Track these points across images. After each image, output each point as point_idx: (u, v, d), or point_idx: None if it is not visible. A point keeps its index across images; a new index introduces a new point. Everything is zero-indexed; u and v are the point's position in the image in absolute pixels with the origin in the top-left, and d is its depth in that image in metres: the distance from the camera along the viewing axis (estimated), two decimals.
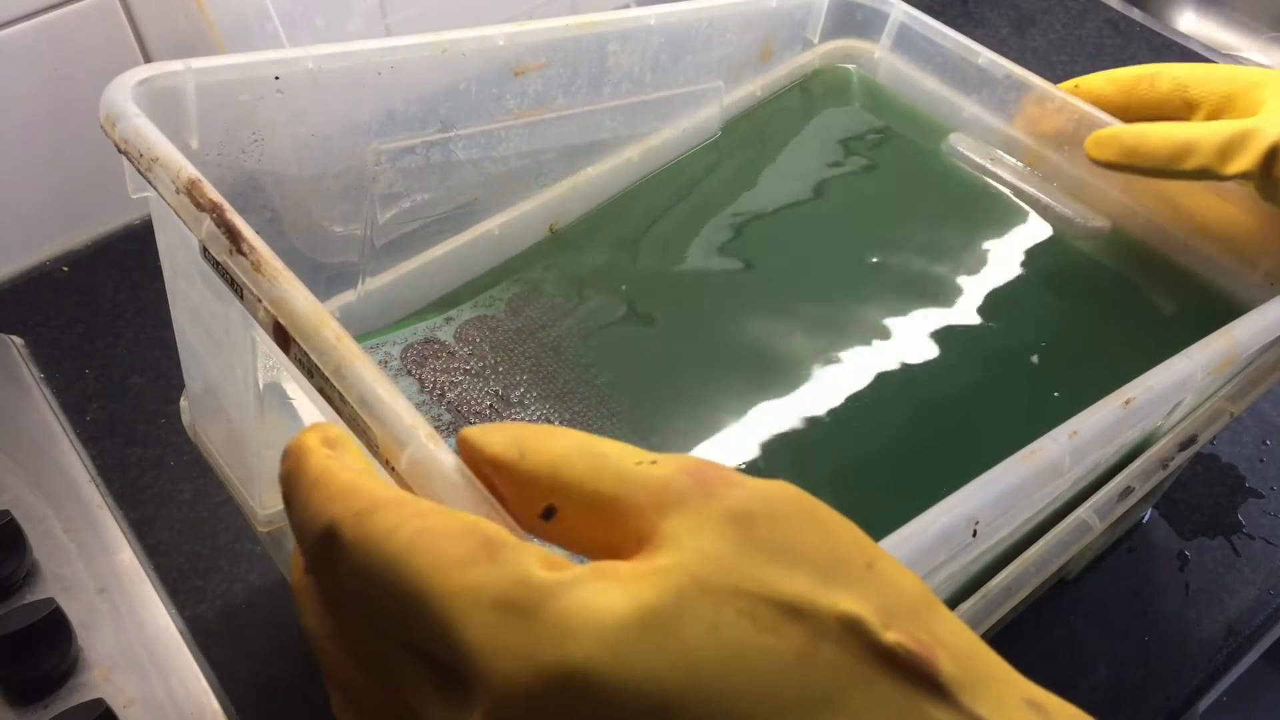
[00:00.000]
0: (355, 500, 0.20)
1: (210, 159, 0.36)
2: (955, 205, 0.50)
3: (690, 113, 0.52)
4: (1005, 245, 0.48)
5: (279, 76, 0.36)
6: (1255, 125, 0.39)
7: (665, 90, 0.49)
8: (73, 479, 0.51)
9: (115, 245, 0.64)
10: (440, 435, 0.23)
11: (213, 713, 0.43)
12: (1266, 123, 0.39)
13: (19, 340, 0.59)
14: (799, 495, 0.20)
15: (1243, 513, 0.56)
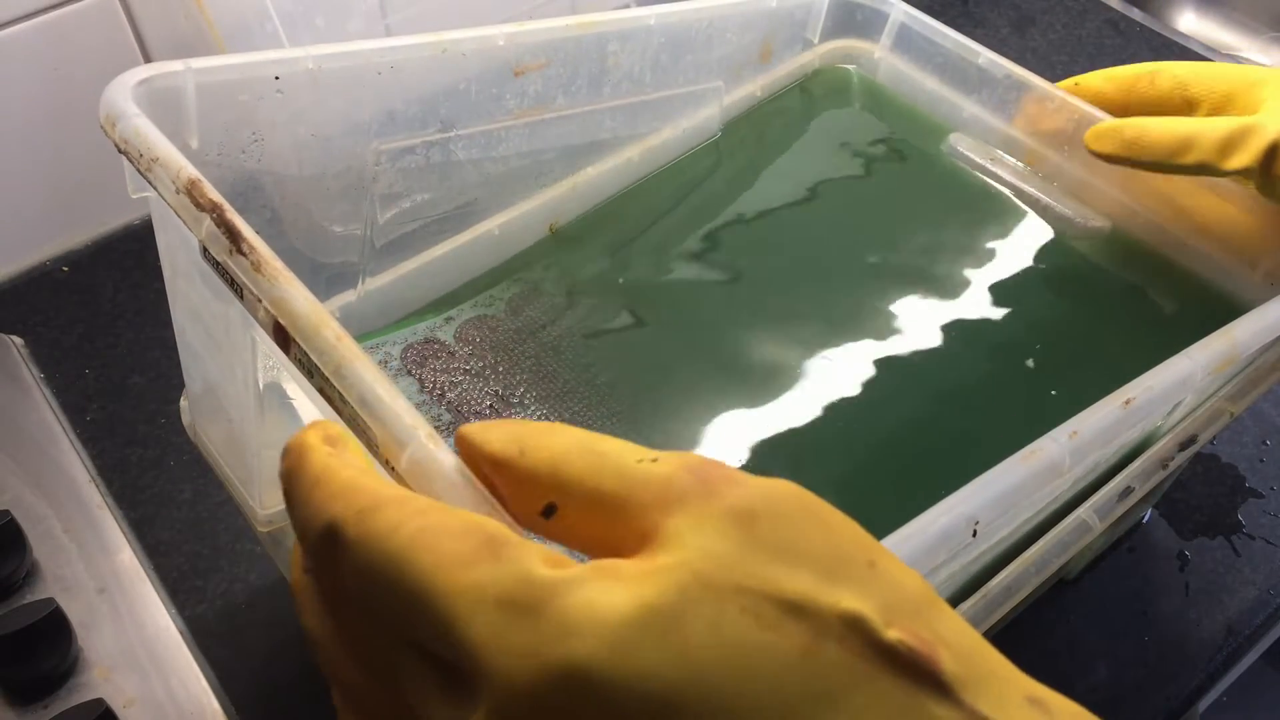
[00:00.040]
0: (357, 498, 0.20)
1: (210, 159, 0.36)
2: (955, 206, 0.50)
3: (690, 113, 0.52)
4: (1005, 245, 0.48)
5: (279, 76, 0.36)
6: (1256, 122, 0.39)
7: (665, 90, 0.49)
8: (73, 479, 0.51)
9: (115, 245, 0.64)
10: (440, 435, 0.23)
11: (213, 713, 0.43)
12: (1267, 120, 0.39)
13: (19, 340, 0.59)
14: (801, 493, 0.20)
15: (1243, 513, 0.56)
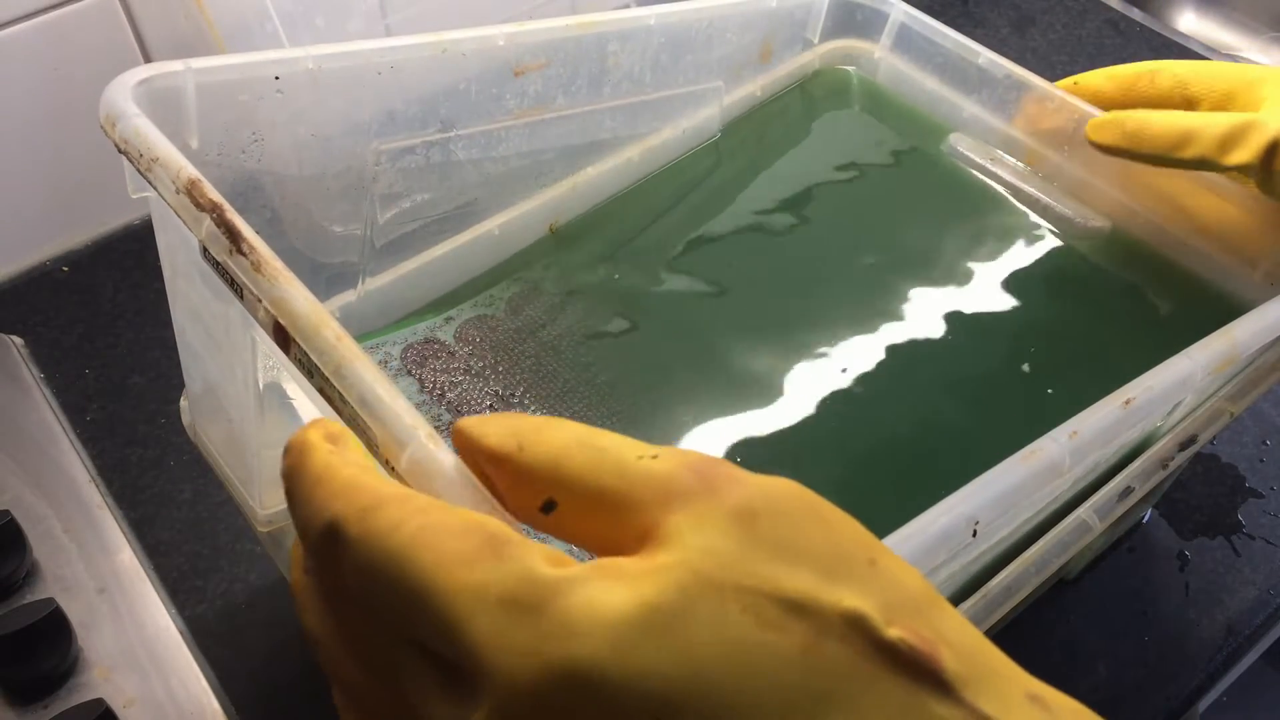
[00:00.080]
0: (358, 496, 0.20)
1: (210, 159, 0.36)
2: (955, 206, 0.50)
3: (690, 113, 0.52)
4: (1005, 245, 0.48)
5: (279, 76, 0.36)
6: (1257, 118, 0.39)
7: (665, 90, 0.49)
8: (73, 479, 0.51)
9: (115, 245, 0.64)
10: (440, 435, 0.23)
11: (213, 713, 0.43)
12: (1268, 117, 0.39)
13: (19, 340, 0.59)
14: (801, 491, 0.20)
15: (1243, 513, 0.56)
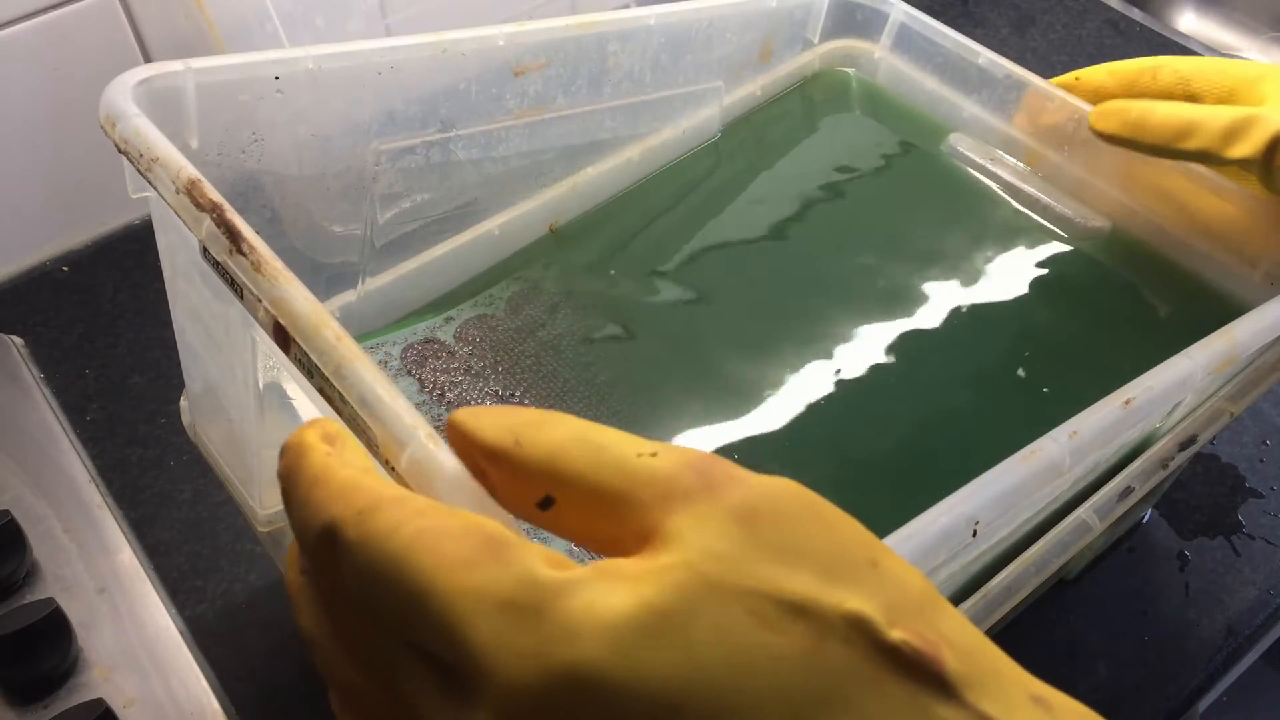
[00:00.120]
0: (357, 498, 0.20)
1: (210, 159, 0.36)
2: (955, 206, 0.50)
3: (690, 113, 0.52)
4: (1005, 245, 0.48)
5: (279, 76, 0.36)
6: (1260, 113, 0.39)
7: (665, 90, 0.49)
8: (73, 479, 0.51)
9: (115, 245, 0.64)
10: (440, 435, 0.23)
11: (213, 713, 0.43)
12: (1272, 112, 0.39)
13: (19, 340, 0.59)
14: (802, 492, 0.20)
15: (1243, 513, 0.56)
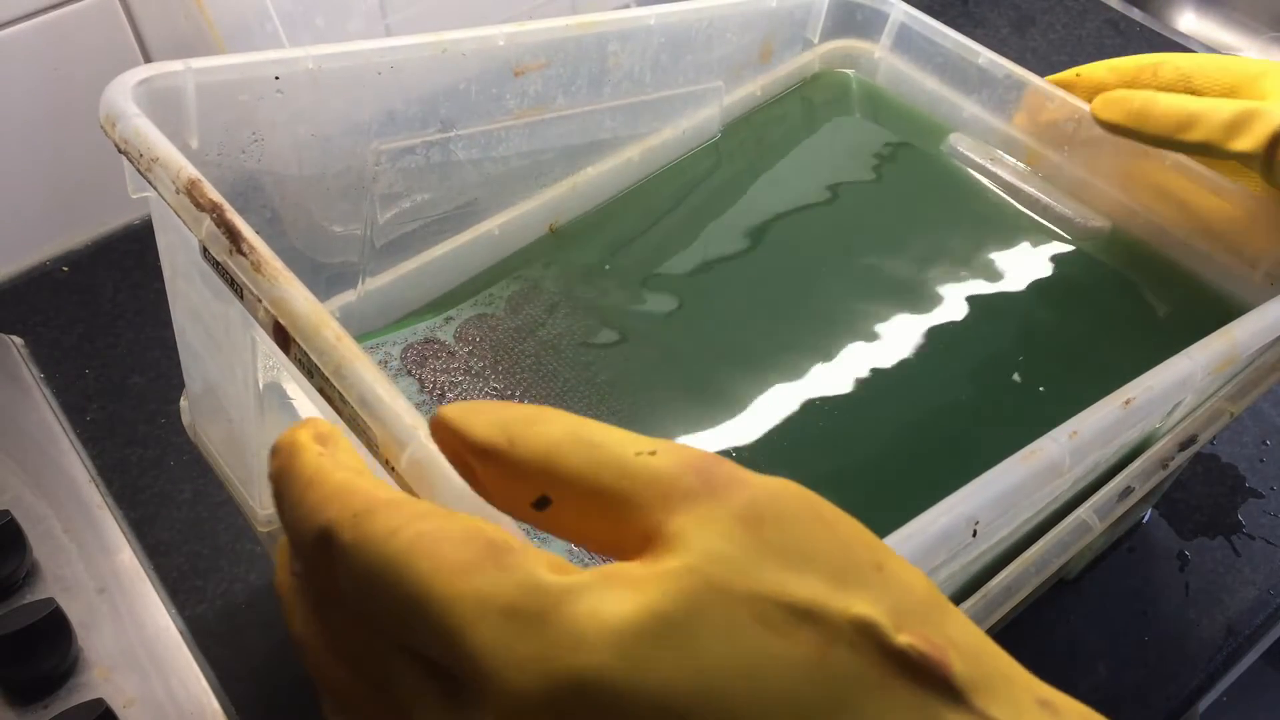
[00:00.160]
0: (352, 501, 0.20)
1: (210, 159, 0.36)
2: (955, 206, 0.50)
3: (690, 113, 0.52)
4: (1005, 245, 0.48)
5: (279, 76, 0.36)
6: (1263, 107, 0.39)
7: (665, 90, 0.49)
8: (73, 479, 0.51)
9: (115, 245, 0.64)
10: None
11: (213, 713, 0.43)
12: (1274, 107, 0.39)
13: (19, 340, 0.59)
14: (804, 494, 0.19)
15: (1243, 513, 0.56)
